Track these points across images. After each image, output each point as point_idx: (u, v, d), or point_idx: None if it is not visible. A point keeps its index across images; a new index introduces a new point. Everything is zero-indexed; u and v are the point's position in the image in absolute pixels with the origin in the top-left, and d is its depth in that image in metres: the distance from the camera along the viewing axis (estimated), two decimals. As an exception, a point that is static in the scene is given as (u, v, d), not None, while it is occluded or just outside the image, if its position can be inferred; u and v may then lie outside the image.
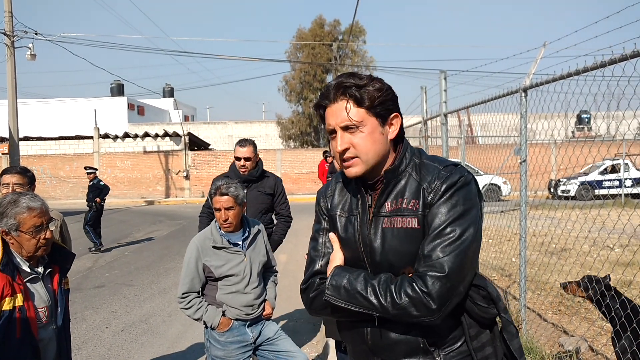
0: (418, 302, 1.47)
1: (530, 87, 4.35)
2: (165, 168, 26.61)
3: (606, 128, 23.64)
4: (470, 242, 1.52)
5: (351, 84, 1.57)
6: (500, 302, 1.56)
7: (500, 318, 1.59)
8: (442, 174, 1.58)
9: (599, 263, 6.74)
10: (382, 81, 1.62)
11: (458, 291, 1.51)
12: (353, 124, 1.58)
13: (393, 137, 1.64)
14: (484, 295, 1.56)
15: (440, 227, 1.52)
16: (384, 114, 1.61)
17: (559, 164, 21.77)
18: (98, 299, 7.22)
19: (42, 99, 39.66)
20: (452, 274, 1.48)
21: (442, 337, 1.60)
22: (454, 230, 1.51)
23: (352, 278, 1.58)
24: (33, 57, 19.20)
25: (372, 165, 1.62)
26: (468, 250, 1.51)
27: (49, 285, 2.53)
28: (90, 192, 11.65)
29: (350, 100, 1.58)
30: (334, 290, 1.59)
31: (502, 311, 1.56)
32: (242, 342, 3.25)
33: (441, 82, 6.56)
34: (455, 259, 1.48)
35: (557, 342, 4.53)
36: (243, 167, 4.53)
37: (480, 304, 1.55)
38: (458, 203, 1.54)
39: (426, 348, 1.60)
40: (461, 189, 1.56)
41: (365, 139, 1.59)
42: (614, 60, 3.17)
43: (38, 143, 27.32)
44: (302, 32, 33.66)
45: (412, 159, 1.66)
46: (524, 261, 4.55)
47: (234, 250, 3.23)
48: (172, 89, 49.01)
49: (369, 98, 1.57)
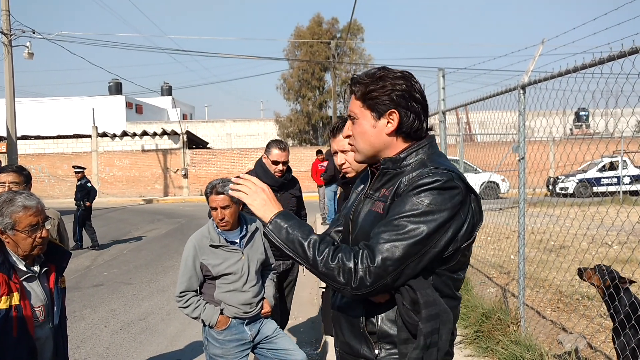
0: (347, 273, 1.52)
1: (529, 84, 4.33)
2: (163, 166, 26.60)
3: (604, 125, 23.64)
4: (414, 243, 1.50)
5: (357, 79, 1.73)
6: (426, 310, 1.51)
7: (418, 326, 1.52)
8: (425, 172, 1.59)
9: (597, 260, 6.74)
10: (396, 79, 1.67)
11: (384, 282, 1.51)
12: (352, 114, 1.75)
13: (389, 132, 1.69)
14: (413, 299, 1.53)
15: (394, 217, 1.55)
16: (379, 108, 1.68)
17: (557, 162, 21.80)
18: (96, 298, 7.21)
19: (40, 98, 39.64)
20: (380, 264, 1.50)
21: (382, 329, 1.63)
22: (404, 225, 1.52)
23: (295, 225, 1.64)
24: (31, 55, 19.16)
25: (368, 154, 1.75)
26: (408, 248, 1.50)
27: (46, 284, 2.52)
28: (78, 192, 11.68)
29: (353, 93, 1.74)
30: (274, 227, 1.65)
31: (422, 320, 1.51)
32: (241, 340, 3.24)
33: (439, 79, 6.54)
34: (390, 250, 1.50)
35: (555, 339, 4.53)
36: (280, 172, 4.23)
37: (405, 305, 1.54)
38: (422, 202, 1.53)
39: (366, 335, 1.65)
40: (433, 190, 1.54)
41: (357, 130, 1.74)
42: (612, 57, 3.16)
43: (36, 142, 27.28)
44: (300, 30, 33.63)
45: (422, 157, 1.68)
46: (522, 259, 4.55)
47: (232, 249, 3.23)
48: (170, 87, 48.96)
49: (363, 92, 1.70)
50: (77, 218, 11.57)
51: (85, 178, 11.87)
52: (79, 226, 11.58)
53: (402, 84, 1.67)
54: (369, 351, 1.65)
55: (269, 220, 1.65)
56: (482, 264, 7.59)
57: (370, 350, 1.64)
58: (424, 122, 1.72)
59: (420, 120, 1.70)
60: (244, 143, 37.38)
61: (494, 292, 6.07)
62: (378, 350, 1.63)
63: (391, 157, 1.69)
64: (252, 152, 27.39)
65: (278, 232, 1.63)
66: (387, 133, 1.69)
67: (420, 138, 1.72)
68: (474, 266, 7.53)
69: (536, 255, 7.92)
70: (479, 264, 7.63)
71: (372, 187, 1.76)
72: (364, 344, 1.66)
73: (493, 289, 6.24)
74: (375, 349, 1.64)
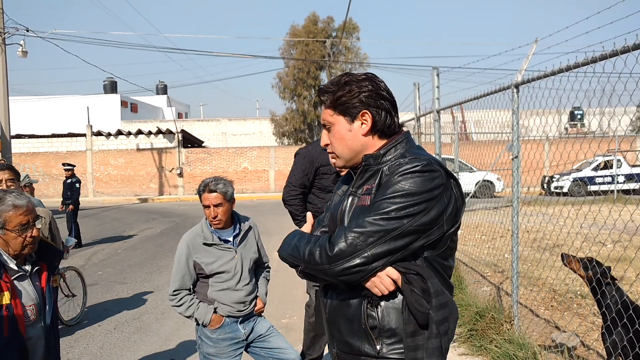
0: (324, 251, 1.60)
1: (522, 83, 4.34)
2: (158, 165, 26.54)
3: (597, 124, 23.73)
4: (396, 220, 1.55)
5: (324, 88, 1.79)
6: (436, 299, 1.56)
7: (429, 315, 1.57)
8: (404, 161, 1.64)
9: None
10: (361, 82, 1.74)
11: (363, 254, 1.56)
12: (327, 122, 1.80)
13: (365, 132, 1.75)
14: (424, 288, 1.57)
15: (376, 201, 1.61)
16: (351, 111, 1.74)
17: (551, 160, 21.86)
18: (90, 297, 7.17)
19: (34, 97, 39.45)
20: (361, 235, 1.55)
21: (384, 324, 1.63)
22: (385, 205, 1.57)
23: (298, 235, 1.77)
24: (24, 54, 19.06)
25: (348, 158, 1.80)
26: (389, 223, 1.55)
27: (37, 283, 2.51)
28: (67, 190, 11.56)
29: (322, 103, 1.81)
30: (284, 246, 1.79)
31: (433, 308, 1.56)
32: (234, 338, 3.24)
33: (434, 78, 6.55)
34: (372, 224, 1.56)
35: (549, 337, 4.55)
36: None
37: (416, 292, 1.57)
38: (403, 186, 1.58)
39: (367, 331, 1.64)
40: (413, 174, 1.59)
41: (334, 137, 1.79)
42: (605, 55, 3.17)
43: (30, 141, 27.15)
44: (296, 29, 33.55)
45: (401, 152, 1.73)
46: (516, 257, 4.56)
47: (225, 247, 3.22)
48: (165, 86, 48.78)
49: (335, 99, 1.75)
50: (72, 216, 11.47)
51: (76, 177, 11.77)
52: (74, 223, 11.48)
53: (368, 85, 1.74)
54: (370, 347, 1.65)
55: None
56: (477, 263, 7.61)
57: (372, 346, 1.64)
58: (395, 118, 1.78)
59: (392, 116, 1.76)
60: (239, 142, 37.32)
61: (488, 290, 6.08)
62: (379, 345, 1.63)
63: (372, 154, 1.75)
64: (248, 151, 27.36)
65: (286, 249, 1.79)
66: (363, 134, 1.76)
67: (394, 134, 1.78)
68: (468, 265, 7.55)
69: (530, 254, 7.94)
70: (474, 263, 7.65)
71: (355, 184, 1.79)
72: (365, 340, 1.66)
73: (487, 288, 6.25)
74: (377, 344, 1.63)
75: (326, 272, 1.60)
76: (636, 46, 2.89)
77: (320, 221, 1.99)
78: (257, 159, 27.12)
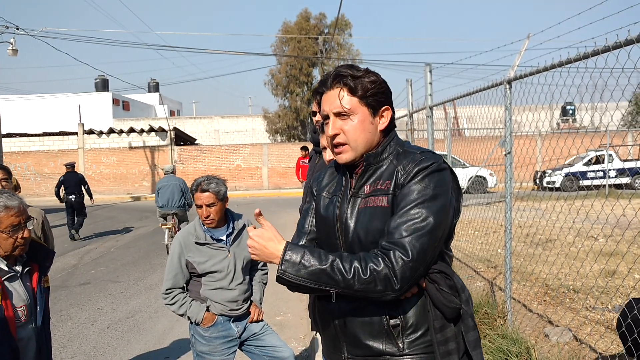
0: (383, 279, 1.51)
1: (515, 79, 4.35)
2: (151, 164, 26.42)
3: (589, 119, 23.88)
4: (435, 226, 1.55)
5: (347, 73, 1.67)
6: (464, 294, 1.62)
7: (461, 309, 1.62)
8: (417, 158, 1.64)
9: (583, 253, 6.81)
10: (378, 75, 1.72)
11: (419, 273, 1.55)
12: (345, 111, 1.67)
13: (383, 128, 1.72)
14: (450, 285, 1.59)
15: (407, 207, 1.57)
16: (376, 105, 1.69)
17: (543, 156, 21.96)
18: (83, 296, 7.15)
19: (25, 95, 39.12)
20: (415, 256, 1.51)
21: (407, 321, 1.62)
22: (420, 212, 1.55)
23: (307, 253, 1.55)
24: (15, 52, 18.91)
25: (361, 152, 1.71)
26: (432, 233, 1.55)
27: (28, 284, 2.49)
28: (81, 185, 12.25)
29: (344, 89, 1.67)
30: (289, 265, 1.54)
31: (464, 302, 1.61)
32: (227, 337, 3.23)
33: (426, 74, 6.55)
34: (417, 240, 1.53)
35: (542, 332, 4.57)
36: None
37: (444, 290, 1.58)
38: (428, 187, 1.58)
39: (389, 330, 1.62)
40: (433, 173, 1.60)
41: (355, 127, 1.68)
42: (597, 51, 3.17)
43: (21, 140, 26.94)
44: (288, 26, 33.52)
45: (396, 148, 1.73)
46: (509, 252, 4.57)
47: (218, 246, 3.20)
48: (157, 83, 48.56)
49: (362, 88, 1.66)
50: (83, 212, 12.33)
51: None
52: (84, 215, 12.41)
53: (382, 81, 1.72)
54: (392, 346, 1.63)
55: (280, 262, 1.55)
56: (470, 258, 7.63)
57: (394, 345, 1.63)
58: None
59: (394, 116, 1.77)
60: (232, 139, 37.24)
61: (482, 286, 6.10)
62: (402, 343, 1.63)
63: (372, 153, 1.72)
64: (241, 148, 27.29)
65: (296, 271, 1.53)
66: (381, 129, 1.73)
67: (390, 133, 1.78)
68: (461, 260, 7.57)
69: (523, 249, 7.98)
70: (467, 258, 7.67)
71: (356, 185, 1.73)
72: (387, 340, 1.63)
73: (480, 283, 6.27)
74: (399, 342, 1.63)
75: (385, 297, 1.54)
76: (628, 42, 2.90)
77: (301, 230, 1.89)
78: (250, 157, 27.06)
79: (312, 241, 1.85)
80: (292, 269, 1.53)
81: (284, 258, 1.54)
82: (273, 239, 1.59)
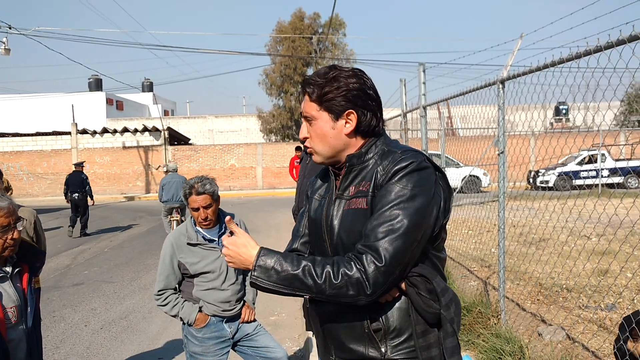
0: (355, 284, 1.48)
1: (508, 78, 4.36)
2: (145, 163, 26.34)
3: (582, 119, 23.99)
4: (411, 228, 1.51)
5: (311, 80, 1.70)
6: (444, 298, 1.56)
7: (441, 315, 1.57)
8: (396, 157, 1.61)
9: (575, 252, 6.84)
10: (350, 78, 1.67)
11: (394, 277, 1.52)
12: (309, 116, 1.71)
13: (348, 132, 1.68)
14: (429, 289, 1.56)
15: (383, 208, 1.54)
16: (336, 109, 1.67)
17: (537, 155, 22.04)
18: (77, 297, 7.12)
19: (18, 95, 38.92)
20: (387, 260, 1.48)
21: (389, 325, 1.60)
22: (396, 213, 1.52)
23: (281, 259, 1.54)
24: (7, 51, 18.82)
25: (327, 156, 1.72)
26: (407, 236, 1.50)
27: (18, 285, 2.47)
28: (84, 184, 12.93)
29: (307, 95, 1.71)
30: (262, 271, 1.53)
31: (443, 307, 1.55)
32: (220, 337, 3.22)
33: (420, 74, 6.56)
34: (391, 244, 1.49)
35: (535, 331, 4.58)
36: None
37: (423, 295, 1.55)
38: (406, 187, 1.54)
39: (371, 334, 1.61)
40: (412, 172, 1.56)
41: (315, 132, 1.71)
42: (589, 51, 3.18)
43: (14, 139, 26.80)
44: (282, 25, 33.46)
45: (382, 148, 1.70)
46: (502, 252, 4.58)
47: (210, 247, 3.18)
48: (151, 83, 48.40)
49: (320, 94, 1.67)
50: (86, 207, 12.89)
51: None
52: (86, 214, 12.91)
53: (356, 83, 1.67)
54: (375, 351, 1.61)
55: (252, 268, 1.54)
56: (464, 258, 7.65)
57: (377, 349, 1.61)
58: (380, 119, 1.73)
59: (377, 118, 1.71)
60: (226, 139, 37.17)
61: (475, 285, 6.12)
62: (384, 348, 1.60)
63: (355, 153, 1.70)
64: (235, 148, 27.25)
65: (267, 276, 1.52)
66: (346, 133, 1.69)
67: (377, 135, 1.73)
68: (455, 260, 7.59)
69: (516, 249, 8.00)
70: (461, 258, 7.69)
71: (340, 187, 1.72)
72: (369, 344, 1.62)
73: (474, 282, 6.29)
74: (382, 347, 1.61)
75: (358, 302, 1.51)
76: (619, 42, 2.91)
77: (296, 233, 1.90)
78: (244, 156, 27.02)
79: (305, 244, 1.85)
80: (265, 274, 1.53)
81: (257, 264, 1.53)
82: (246, 245, 1.59)
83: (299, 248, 1.85)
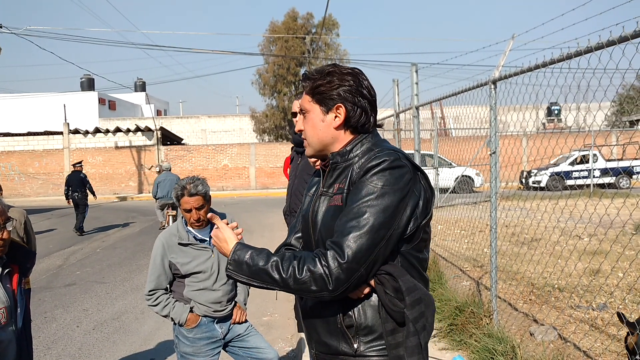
0: (319, 279, 1.53)
1: (500, 79, 4.37)
2: (137, 163, 26.25)
3: (573, 119, 24.11)
4: (377, 226, 1.53)
5: (309, 74, 1.77)
6: (410, 297, 1.55)
7: (404, 313, 1.56)
8: (372, 155, 1.64)
9: (567, 252, 6.87)
10: (343, 75, 1.72)
11: (359, 274, 1.54)
12: (303, 108, 1.78)
13: (337, 125, 1.73)
14: (395, 287, 1.57)
15: (351, 205, 1.58)
16: (327, 103, 1.72)
17: (529, 155, 22.15)
18: (68, 297, 7.08)
19: (9, 94, 38.70)
20: (350, 257, 1.51)
21: (361, 322, 1.63)
22: (362, 211, 1.55)
23: (254, 254, 1.63)
24: (-2, 50, 18.69)
25: (317, 148, 1.78)
26: (373, 233, 1.53)
27: (8, 286, 2.45)
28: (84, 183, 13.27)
29: (306, 88, 1.78)
30: (235, 265, 1.64)
31: (407, 306, 1.55)
32: (211, 338, 3.21)
33: (412, 74, 6.58)
34: (355, 241, 1.52)
35: (527, 330, 4.60)
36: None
37: (388, 293, 1.57)
38: (376, 185, 1.57)
39: (344, 330, 1.64)
40: (384, 171, 1.58)
41: (307, 124, 1.78)
42: (580, 52, 3.20)
43: (5, 139, 26.63)
44: (275, 26, 33.45)
45: (368, 146, 1.72)
46: (494, 252, 4.60)
47: (201, 247, 3.17)
48: (143, 83, 48.27)
49: (314, 87, 1.74)
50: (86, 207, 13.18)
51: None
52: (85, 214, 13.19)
53: (350, 80, 1.72)
54: (347, 346, 1.65)
55: (228, 261, 1.66)
56: (456, 258, 7.67)
57: (349, 345, 1.64)
58: (372, 117, 1.76)
59: (367, 115, 1.74)
60: (219, 139, 37.11)
61: (468, 285, 6.13)
62: (357, 344, 1.64)
63: (339, 151, 1.74)
64: (228, 148, 27.20)
65: (240, 269, 1.63)
66: (335, 127, 1.73)
67: (368, 132, 1.76)
68: (447, 260, 7.61)
69: (509, 249, 8.03)
70: (453, 258, 7.71)
71: (325, 184, 1.77)
72: (342, 339, 1.66)
73: (466, 282, 6.30)
74: (354, 343, 1.64)
75: (323, 297, 1.57)
76: (609, 42, 2.93)
77: (293, 227, 1.95)
78: (238, 156, 26.97)
79: (299, 239, 1.89)
80: (238, 267, 1.63)
81: (231, 257, 1.65)
82: (226, 240, 1.71)
83: (292, 242, 1.89)
